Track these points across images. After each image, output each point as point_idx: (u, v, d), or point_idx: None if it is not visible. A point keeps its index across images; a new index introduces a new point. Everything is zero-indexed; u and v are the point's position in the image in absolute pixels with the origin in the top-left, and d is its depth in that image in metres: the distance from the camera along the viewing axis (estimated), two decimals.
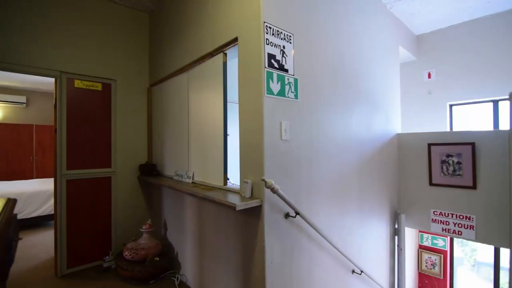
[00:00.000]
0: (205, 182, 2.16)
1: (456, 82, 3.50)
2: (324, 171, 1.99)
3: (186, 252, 2.50)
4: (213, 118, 2.06)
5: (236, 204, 1.47)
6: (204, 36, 2.13)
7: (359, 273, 2.29)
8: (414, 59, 3.78)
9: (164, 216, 2.89)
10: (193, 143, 2.35)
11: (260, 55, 1.57)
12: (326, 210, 2.01)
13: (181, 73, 2.52)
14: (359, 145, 2.38)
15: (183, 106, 2.48)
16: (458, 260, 4.45)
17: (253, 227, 1.64)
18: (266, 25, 1.57)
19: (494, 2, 2.96)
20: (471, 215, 2.48)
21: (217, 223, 2.03)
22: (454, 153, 2.52)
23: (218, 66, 1.99)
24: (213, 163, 2.07)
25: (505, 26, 3.14)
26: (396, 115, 3.01)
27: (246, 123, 1.68)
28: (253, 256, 1.66)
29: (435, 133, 2.70)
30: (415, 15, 3.23)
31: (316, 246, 1.92)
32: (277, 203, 1.64)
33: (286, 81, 1.69)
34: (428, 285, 3.98)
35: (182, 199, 2.51)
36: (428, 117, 3.73)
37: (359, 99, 2.40)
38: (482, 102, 3.42)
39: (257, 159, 1.59)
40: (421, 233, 4.00)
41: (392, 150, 2.89)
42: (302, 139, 1.81)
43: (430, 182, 2.70)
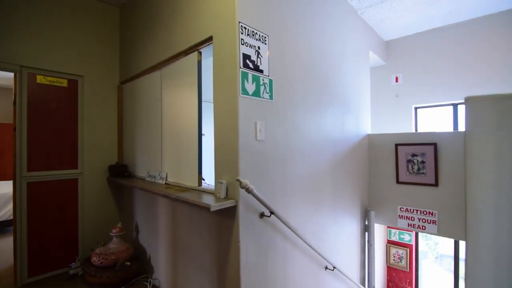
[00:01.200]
0: (179, 183, 2.11)
1: (420, 86, 3.73)
2: (298, 171, 2.03)
3: (159, 255, 2.43)
4: (187, 117, 2.02)
5: (211, 205, 1.45)
6: (178, 33, 2.08)
7: (331, 269, 2.36)
8: (383, 63, 3.97)
9: (136, 219, 2.78)
10: (166, 143, 2.29)
11: (235, 55, 1.56)
12: (300, 208, 2.05)
13: (154, 71, 2.44)
14: (332, 145, 2.45)
15: (156, 104, 2.40)
16: (422, 253, 4.74)
17: (228, 227, 1.63)
18: (241, 25, 1.57)
19: (454, 12, 3.19)
20: (433, 211, 2.65)
21: (191, 225, 1.99)
22: (419, 153, 2.68)
23: (193, 64, 1.95)
24: (187, 163, 2.03)
25: (464, 35, 3.40)
26: (366, 117, 3.14)
27: (221, 123, 1.66)
28: (228, 256, 1.65)
29: (401, 134, 2.85)
30: (384, 22, 3.40)
31: (291, 244, 1.95)
32: (252, 203, 1.64)
33: (261, 82, 1.70)
34: (395, 278, 4.20)
35: (155, 201, 2.44)
36: (396, 119, 3.94)
37: (332, 101, 2.47)
38: (444, 105, 3.68)
39: (232, 159, 1.59)
40: (389, 229, 4.22)
41: (363, 150, 3.01)
42: (277, 139, 1.83)
43: (397, 180, 2.86)
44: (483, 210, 1.10)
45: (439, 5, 3.01)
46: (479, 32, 3.30)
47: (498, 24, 3.19)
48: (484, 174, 1.10)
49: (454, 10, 3.14)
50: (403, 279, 4.13)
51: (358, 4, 2.93)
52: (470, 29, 3.36)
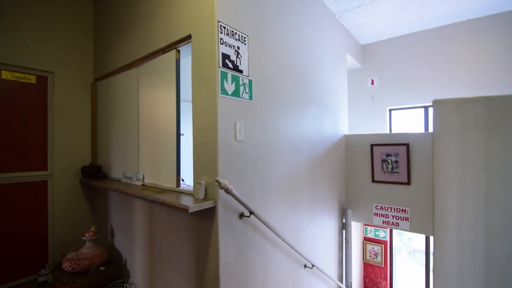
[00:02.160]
0: (156, 184, 2.06)
1: (394, 89, 3.90)
2: (278, 171, 2.05)
3: (135, 259, 2.35)
4: (165, 116, 1.98)
5: (189, 206, 1.43)
6: (156, 30, 2.03)
7: (310, 267, 2.41)
8: (359, 66, 4.11)
9: (111, 222, 2.68)
10: (143, 143, 2.22)
11: (214, 54, 1.55)
12: (279, 208, 2.07)
13: (131, 68, 2.36)
14: (311, 145, 2.50)
15: (133, 103, 2.33)
16: (396, 249, 4.95)
17: (207, 228, 1.61)
18: (221, 24, 1.56)
19: (424, 19, 3.36)
20: (406, 208, 2.78)
21: (169, 227, 1.95)
22: (393, 153, 2.80)
23: (171, 63, 1.91)
24: (165, 164, 1.98)
25: (433, 41, 3.59)
26: (344, 118, 3.23)
27: (200, 123, 1.64)
28: (207, 258, 1.63)
29: (376, 135, 2.96)
30: (361, 26, 3.51)
31: (270, 244, 1.97)
32: (232, 204, 1.64)
33: (241, 82, 1.69)
34: (371, 273, 4.35)
35: (131, 203, 2.36)
36: (372, 120, 4.09)
37: (311, 102, 2.52)
38: (416, 107, 3.87)
39: (211, 159, 1.57)
40: (365, 226, 4.36)
41: (340, 150, 3.10)
42: (256, 139, 1.84)
43: (373, 179, 2.96)
44: (449, 206, 1.16)
45: (411, 12, 3.16)
46: (447, 38, 3.50)
47: (464, 32, 3.40)
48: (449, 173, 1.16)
49: (425, 18, 3.31)
50: (378, 274, 4.30)
51: (336, 8, 3.01)
52: (439, 35, 3.56)
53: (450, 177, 1.15)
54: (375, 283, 4.31)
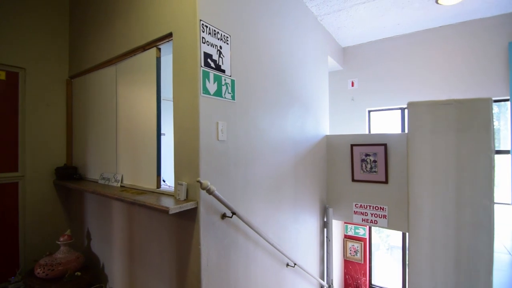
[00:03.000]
0: (135, 186, 2.00)
1: (373, 91, 4.03)
2: (260, 171, 2.06)
3: (114, 263, 2.28)
4: (145, 116, 1.93)
5: (170, 207, 1.40)
6: (135, 27, 1.98)
7: (292, 266, 2.44)
8: (340, 68, 4.21)
9: (87, 225, 2.58)
10: (122, 143, 2.16)
11: (196, 53, 1.53)
12: (262, 208, 2.08)
13: (109, 66, 2.29)
14: (293, 145, 2.53)
15: (111, 102, 2.25)
16: (375, 245, 5.12)
17: (189, 230, 1.59)
18: (202, 23, 1.55)
19: (401, 24, 3.50)
20: (384, 206, 2.88)
21: (149, 229, 1.90)
22: (371, 153, 2.89)
23: (151, 61, 1.87)
24: (145, 164, 1.94)
25: (409, 45, 3.75)
26: (325, 118, 3.30)
27: (181, 122, 1.62)
28: (188, 260, 1.61)
29: (356, 135, 3.05)
30: (342, 29, 3.60)
31: (253, 243, 1.97)
32: (214, 204, 1.63)
33: (223, 82, 1.69)
34: (351, 270, 4.47)
35: (109, 205, 2.28)
36: (352, 121, 4.20)
37: (293, 102, 2.55)
38: (393, 109, 4.01)
39: (192, 160, 1.55)
40: (346, 224, 4.48)
41: (322, 150, 3.16)
42: (239, 139, 1.84)
43: (353, 179, 3.04)
44: (422, 204, 1.22)
45: (389, 17, 3.28)
46: (422, 43, 3.67)
47: (437, 38, 3.57)
48: (423, 172, 1.22)
49: (401, 23, 3.45)
50: (358, 271, 4.42)
51: (318, 10, 3.06)
52: (414, 40, 3.71)
53: (424, 176, 1.21)
54: (355, 280, 4.43)
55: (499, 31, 3.21)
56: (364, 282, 4.38)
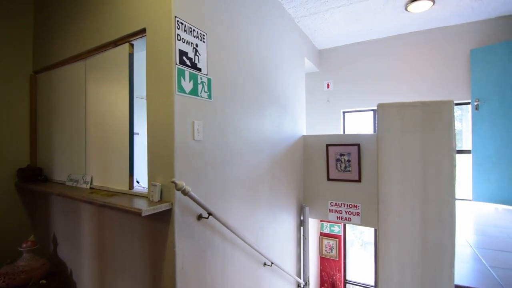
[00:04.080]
0: (106, 187, 1.92)
1: (348, 93, 4.16)
2: (238, 171, 2.05)
3: (83, 269, 2.16)
4: (117, 114, 1.85)
5: (142, 209, 1.35)
6: (107, 21, 1.89)
7: (270, 265, 2.45)
8: (316, 70, 4.30)
9: (54, 230, 2.42)
10: (91, 143, 2.05)
11: (171, 50, 1.49)
12: (240, 208, 2.07)
13: (77, 61, 2.17)
14: (270, 145, 2.55)
15: (80, 99, 2.14)
16: (350, 242, 5.30)
17: (163, 232, 1.55)
18: (178, 20, 1.51)
19: (375, 29, 3.65)
20: (357, 204, 2.98)
21: (121, 232, 1.83)
22: (345, 153, 2.99)
23: (123, 57, 1.80)
24: (117, 165, 1.86)
25: (381, 49, 3.91)
26: (302, 119, 3.36)
27: (155, 121, 1.57)
28: (163, 263, 1.57)
29: (331, 135, 3.13)
30: (318, 32, 3.68)
31: (230, 244, 1.96)
32: (189, 205, 1.59)
33: (199, 80, 1.66)
34: (327, 267, 4.59)
35: (77, 209, 2.16)
36: (327, 122, 4.32)
37: (270, 102, 2.57)
38: (366, 110, 4.17)
39: (166, 160, 1.51)
40: (321, 222, 4.59)
41: (299, 150, 3.21)
42: (216, 139, 1.82)
43: (328, 178, 3.13)
44: (391, 201, 1.28)
45: (363, 22, 3.40)
46: (393, 47, 3.84)
47: (407, 43, 3.76)
48: (392, 170, 1.28)
49: (374, 28, 3.59)
50: (333, 267, 4.55)
51: (295, 12, 3.11)
52: (386, 45, 3.88)
53: (392, 174, 1.27)
54: (330, 276, 4.56)
55: (462, 39, 3.45)
56: (339, 278, 4.51)
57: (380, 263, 1.31)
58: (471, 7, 3.05)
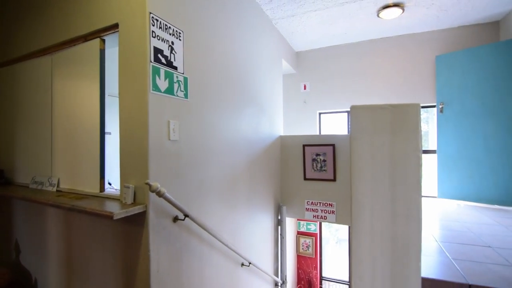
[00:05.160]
0: (75, 190, 1.82)
1: (323, 94, 4.27)
2: (215, 171, 2.03)
3: (49, 277, 2.03)
4: (87, 113, 1.76)
5: (114, 212, 1.30)
6: (76, 14, 1.79)
7: (247, 265, 2.45)
8: (294, 72, 4.38)
9: (16, 236, 2.26)
10: (58, 143, 1.94)
11: (145, 47, 1.45)
12: (217, 208, 2.05)
13: (43, 55, 2.03)
14: (248, 145, 2.55)
15: (45, 96, 2.01)
16: (325, 240, 5.44)
17: (137, 235, 1.49)
18: (152, 16, 1.47)
19: (349, 34, 3.78)
20: (332, 202, 3.07)
21: (91, 237, 1.74)
22: (321, 153, 3.06)
23: (94, 53, 1.71)
24: (86, 166, 1.77)
25: (355, 54, 4.06)
26: (279, 119, 3.40)
27: (128, 120, 1.51)
28: (136, 267, 1.51)
29: (308, 136, 3.20)
30: (295, 34, 3.74)
31: (207, 245, 1.93)
32: (165, 207, 1.55)
33: (175, 79, 1.62)
34: (304, 265, 4.68)
35: (42, 213, 2.03)
36: (304, 122, 4.40)
37: (248, 103, 2.57)
38: (341, 112, 4.31)
39: (140, 161, 1.46)
40: (298, 221, 4.67)
41: (276, 150, 3.24)
42: (192, 139, 1.79)
43: (305, 177, 3.19)
44: (363, 199, 1.33)
45: (337, 26, 3.51)
46: (366, 52, 4.01)
47: (379, 48, 3.94)
48: (363, 170, 1.33)
49: (348, 32, 3.72)
50: (310, 265, 4.65)
51: (273, 14, 3.14)
52: (360, 49, 4.04)
53: (364, 173, 1.32)
54: (307, 274, 4.65)
55: (428, 45, 3.67)
56: (315, 275, 4.62)
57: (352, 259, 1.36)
58: (437, 16, 3.25)
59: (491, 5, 3.00)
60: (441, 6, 3.02)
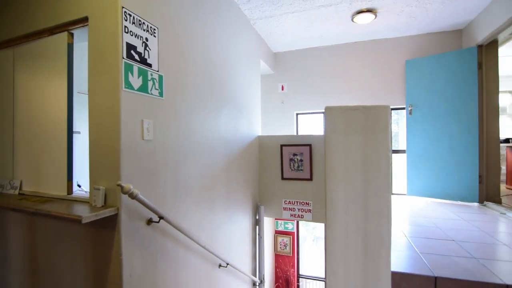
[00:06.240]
0: (39, 193, 1.70)
1: (300, 95, 4.35)
2: (192, 172, 1.99)
3: (10, 287, 1.89)
4: (53, 111, 1.66)
5: (83, 216, 1.23)
6: (41, 5, 1.68)
7: (225, 266, 2.43)
8: (271, 72, 4.41)
9: None
10: (21, 143, 1.81)
11: (117, 43, 1.39)
12: (194, 210, 2.02)
13: (3, 48, 1.89)
14: (226, 145, 2.53)
15: (6, 92, 1.87)
16: (303, 238, 5.53)
17: (108, 240, 1.43)
18: (125, 10, 1.41)
19: (325, 37, 3.87)
20: (309, 201, 3.13)
21: (58, 243, 1.64)
22: (298, 152, 3.12)
23: (61, 47, 1.62)
24: (53, 167, 1.66)
25: (331, 56, 4.17)
26: (257, 119, 3.41)
27: (98, 119, 1.44)
28: (107, 273, 1.45)
29: (285, 136, 3.24)
30: (273, 35, 3.77)
31: (183, 248, 1.89)
32: (138, 210, 1.50)
33: (149, 77, 1.57)
34: (282, 263, 4.73)
35: (2, 218, 1.88)
36: (282, 122, 4.45)
37: (226, 102, 2.56)
38: (317, 113, 4.41)
39: (111, 161, 1.40)
40: (276, 220, 4.71)
41: (254, 150, 3.25)
42: (168, 139, 1.74)
43: (282, 177, 3.22)
44: (336, 198, 1.38)
45: (314, 28, 3.58)
46: (341, 55, 4.13)
47: (353, 51, 4.07)
48: (337, 169, 1.37)
49: (324, 35, 3.81)
50: (287, 263, 4.71)
51: (251, 14, 3.14)
52: (335, 52, 4.15)
53: (338, 173, 1.36)
54: (284, 272, 4.71)
55: (399, 50, 3.85)
56: (292, 273, 4.69)
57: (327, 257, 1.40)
58: (407, 22, 3.42)
59: (455, 15, 3.21)
60: (411, 13, 3.18)
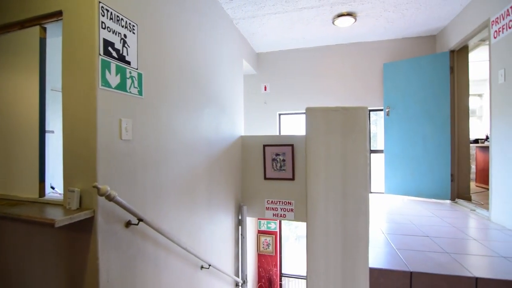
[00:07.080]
0: (8, 195, 1.60)
1: (283, 96, 4.39)
2: (173, 172, 1.95)
3: None
4: (23, 109, 1.57)
5: (56, 219, 1.17)
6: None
7: (207, 267, 2.41)
8: (254, 72, 4.43)
9: None
10: None
11: (93, 39, 1.33)
12: (175, 211, 1.98)
13: None
14: (208, 145, 2.50)
15: None
16: (285, 237, 5.58)
17: (83, 243, 1.37)
18: (102, 5, 1.36)
19: (307, 38, 3.93)
20: (291, 201, 3.16)
21: (29, 249, 1.55)
22: (281, 153, 3.14)
23: (33, 42, 1.53)
24: (23, 169, 1.57)
25: (313, 58, 4.24)
26: (240, 119, 3.40)
27: (73, 118, 1.38)
28: (83, 278, 1.39)
29: (268, 136, 3.26)
30: (255, 35, 3.78)
31: (164, 250, 1.85)
32: (116, 212, 1.45)
33: (128, 75, 1.52)
34: (264, 263, 4.75)
35: None
36: (264, 123, 4.48)
37: (208, 102, 2.53)
38: (299, 113, 4.47)
39: (87, 162, 1.34)
40: (259, 220, 4.73)
41: (237, 150, 3.24)
42: (148, 139, 1.70)
43: (265, 177, 3.24)
44: (317, 197, 1.40)
45: (296, 30, 3.63)
46: (323, 57, 4.21)
47: (334, 53, 4.17)
48: (317, 169, 1.40)
49: (306, 37, 3.87)
50: (270, 263, 4.73)
51: (233, 14, 3.13)
52: (317, 54, 4.23)
53: (318, 172, 1.39)
54: (267, 271, 4.73)
55: (377, 53, 3.99)
56: (275, 273, 4.72)
57: (308, 255, 1.42)
58: (384, 27, 3.55)
59: (430, 21, 3.37)
60: (388, 18, 3.30)
